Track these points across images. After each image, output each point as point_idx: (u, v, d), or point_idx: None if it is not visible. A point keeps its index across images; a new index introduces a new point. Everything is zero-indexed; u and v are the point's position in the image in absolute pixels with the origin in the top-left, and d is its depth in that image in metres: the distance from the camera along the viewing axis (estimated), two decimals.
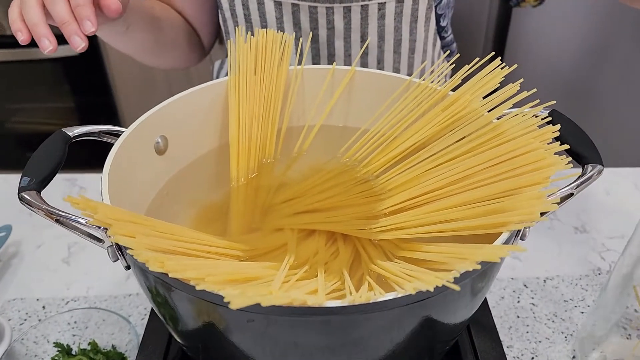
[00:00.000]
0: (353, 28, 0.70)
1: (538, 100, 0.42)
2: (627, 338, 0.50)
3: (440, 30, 0.77)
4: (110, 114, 1.71)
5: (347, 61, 0.73)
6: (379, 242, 0.43)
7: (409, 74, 0.72)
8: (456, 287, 0.30)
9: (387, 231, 0.42)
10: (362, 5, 0.68)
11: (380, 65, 0.74)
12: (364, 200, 0.47)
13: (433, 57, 0.79)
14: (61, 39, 0.47)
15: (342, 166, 0.52)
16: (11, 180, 0.82)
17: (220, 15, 0.75)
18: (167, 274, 0.31)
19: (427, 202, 0.42)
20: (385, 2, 0.68)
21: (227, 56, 0.87)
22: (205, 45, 0.83)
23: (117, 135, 0.46)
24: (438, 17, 0.74)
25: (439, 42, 0.79)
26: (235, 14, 0.72)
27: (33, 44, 0.47)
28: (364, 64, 0.74)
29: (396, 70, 0.75)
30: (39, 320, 0.61)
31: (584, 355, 0.54)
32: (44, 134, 1.65)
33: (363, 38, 0.71)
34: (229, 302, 0.26)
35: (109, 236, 0.32)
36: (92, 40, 1.57)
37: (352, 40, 0.71)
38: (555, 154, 0.37)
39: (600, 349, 0.52)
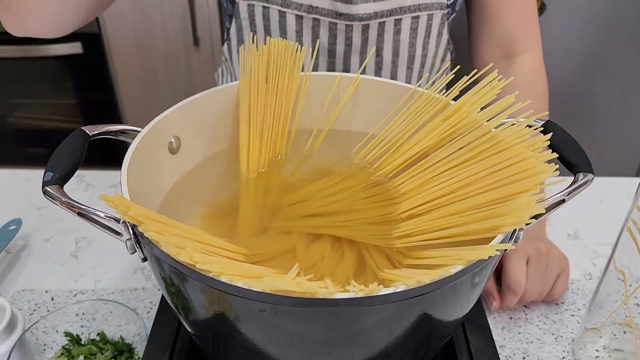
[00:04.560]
0: (369, 43, 0.71)
1: (531, 111, 0.44)
2: (624, 333, 0.53)
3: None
4: (112, 112, 1.73)
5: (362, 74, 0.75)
6: (393, 248, 0.45)
7: None
8: (451, 272, 0.33)
9: (404, 237, 0.44)
10: (379, 22, 0.70)
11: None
12: (377, 204, 0.48)
13: (440, 70, 0.80)
14: (66, 38, 0.47)
15: (353, 168, 0.54)
16: (20, 175, 0.84)
17: (234, 24, 0.76)
18: (184, 266, 0.33)
19: (434, 209, 0.44)
20: (401, 18, 0.70)
21: (226, 61, 0.88)
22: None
23: (132, 135, 0.48)
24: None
25: (448, 56, 0.80)
26: (255, 24, 0.73)
27: (36, 41, 0.47)
28: None
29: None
30: (48, 311, 0.63)
31: (581, 347, 0.56)
32: (46, 130, 1.66)
33: (378, 52, 0.73)
34: (248, 288, 0.28)
35: (141, 232, 0.35)
36: (96, 38, 1.59)
37: (368, 55, 0.72)
38: (549, 162, 0.40)
39: (599, 341, 0.55)
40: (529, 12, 0.76)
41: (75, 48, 1.57)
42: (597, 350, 0.55)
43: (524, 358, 0.58)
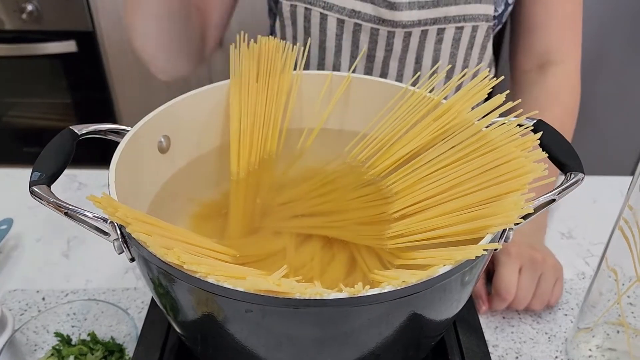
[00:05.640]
0: (410, 50, 0.70)
1: (521, 110, 0.44)
2: (617, 332, 0.53)
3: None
4: (107, 111, 1.72)
5: (399, 81, 0.74)
6: (385, 249, 0.44)
7: None
8: (438, 272, 0.33)
9: (396, 237, 0.44)
10: (422, 30, 0.69)
11: (431, 92, 0.68)
12: (369, 204, 0.48)
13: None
14: (60, 36, 0.47)
15: (345, 167, 0.54)
16: (12, 175, 0.83)
17: (279, 21, 0.76)
18: (172, 267, 0.33)
19: (425, 209, 0.44)
20: (444, 28, 0.68)
21: None
22: (212, 45, 0.80)
23: (122, 134, 0.48)
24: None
25: (493, 72, 0.79)
26: (296, 24, 0.73)
27: (30, 39, 0.47)
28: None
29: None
30: (39, 311, 0.62)
31: (574, 347, 0.56)
32: (41, 129, 1.65)
33: (418, 60, 0.71)
34: (235, 289, 0.28)
35: (129, 232, 0.34)
36: (91, 36, 1.58)
37: (407, 61, 0.71)
38: (540, 162, 0.40)
39: (592, 341, 0.55)
40: (571, 24, 0.75)
41: (69, 46, 1.56)
42: (590, 350, 0.55)
43: (517, 358, 0.58)
